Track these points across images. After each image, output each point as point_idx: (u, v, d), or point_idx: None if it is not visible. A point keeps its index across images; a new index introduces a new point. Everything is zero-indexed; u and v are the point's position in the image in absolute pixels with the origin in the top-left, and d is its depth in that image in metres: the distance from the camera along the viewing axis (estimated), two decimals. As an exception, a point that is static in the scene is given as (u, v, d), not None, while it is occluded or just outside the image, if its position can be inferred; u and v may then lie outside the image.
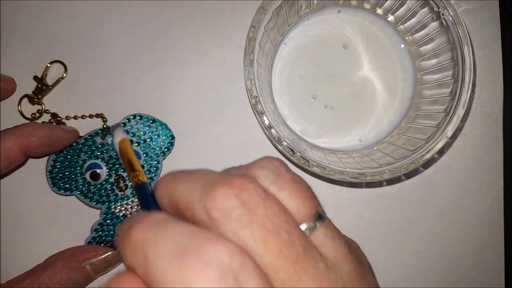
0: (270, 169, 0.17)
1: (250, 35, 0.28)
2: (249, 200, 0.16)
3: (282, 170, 0.18)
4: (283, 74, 0.32)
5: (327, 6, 0.32)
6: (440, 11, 0.28)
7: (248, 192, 0.16)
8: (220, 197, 0.16)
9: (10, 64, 0.34)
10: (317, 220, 0.17)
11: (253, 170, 0.18)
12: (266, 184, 0.17)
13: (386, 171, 0.28)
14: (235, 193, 0.16)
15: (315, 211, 0.18)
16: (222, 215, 0.15)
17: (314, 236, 0.17)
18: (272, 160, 0.18)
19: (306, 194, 0.18)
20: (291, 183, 0.17)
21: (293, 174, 0.18)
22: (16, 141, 0.29)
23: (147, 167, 0.32)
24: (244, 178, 0.16)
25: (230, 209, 0.15)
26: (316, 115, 0.32)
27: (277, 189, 0.17)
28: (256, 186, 0.16)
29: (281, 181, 0.17)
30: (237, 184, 0.16)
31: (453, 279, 0.33)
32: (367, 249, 0.34)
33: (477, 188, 0.34)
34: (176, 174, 0.18)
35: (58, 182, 0.32)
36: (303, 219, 0.17)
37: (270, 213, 0.16)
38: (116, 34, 0.34)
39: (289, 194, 0.17)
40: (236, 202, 0.15)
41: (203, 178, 0.17)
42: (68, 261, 0.29)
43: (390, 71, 0.32)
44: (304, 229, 0.17)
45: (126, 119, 0.33)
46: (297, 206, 0.17)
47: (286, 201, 0.17)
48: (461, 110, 0.27)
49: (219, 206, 0.15)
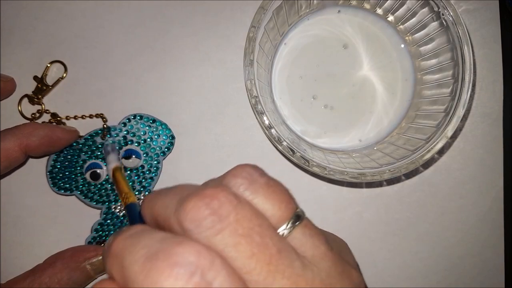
0: (243, 176, 0.18)
1: (250, 35, 0.28)
2: (220, 208, 0.16)
3: (256, 175, 0.18)
4: (283, 74, 0.32)
5: (327, 6, 0.32)
6: (440, 11, 0.28)
7: (218, 200, 0.16)
8: (191, 208, 0.16)
9: (10, 64, 0.34)
10: (294, 220, 0.18)
11: (227, 179, 0.18)
12: (241, 191, 0.17)
13: (386, 171, 0.28)
14: (205, 203, 0.16)
15: (292, 212, 0.18)
16: (193, 225, 0.16)
17: (292, 236, 0.17)
18: (245, 167, 0.18)
19: (282, 196, 0.18)
20: (265, 187, 0.18)
21: (267, 178, 0.18)
22: (16, 141, 0.29)
23: (147, 167, 0.32)
24: (215, 187, 0.17)
25: (201, 218, 0.16)
26: (316, 115, 0.32)
27: (252, 194, 0.17)
28: (227, 194, 0.16)
29: (255, 186, 0.18)
30: (208, 194, 0.16)
31: (453, 279, 0.33)
32: (367, 249, 0.34)
33: (477, 188, 0.34)
34: (157, 191, 0.19)
35: (58, 182, 0.32)
36: (280, 222, 0.17)
37: (241, 218, 0.16)
38: (116, 34, 0.34)
39: (264, 198, 0.18)
40: (207, 212, 0.16)
41: (179, 193, 0.17)
42: (68, 261, 0.29)
43: (390, 71, 0.32)
44: (281, 230, 0.17)
45: (126, 119, 0.33)
46: (273, 209, 0.17)
47: (262, 205, 0.17)
48: (461, 110, 0.27)
49: (190, 216, 0.16)
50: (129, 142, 0.32)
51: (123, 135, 0.32)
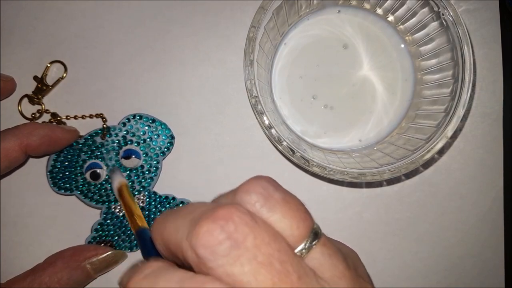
0: (258, 192, 0.17)
1: (250, 35, 0.28)
2: (236, 231, 0.15)
3: (271, 190, 0.17)
4: (283, 74, 0.32)
5: (327, 6, 0.32)
6: (440, 11, 0.28)
7: (233, 222, 0.15)
8: (204, 233, 0.15)
9: (10, 64, 0.34)
10: (313, 239, 0.17)
11: (240, 195, 0.17)
12: (257, 208, 0.17)
13: (386, 171, 0.28)
14: (219, 225, 0.15)
15: (310, 230, 0.17)
16: (208, 251, 0.15)
17: (310, 256, 0.17)
18: (259, 181, 0.17)
19: (299, 213, 0.17)
20: (282, 203, 0.17)
21: (283, 192, 0.17)
22: (16, 141, 0.29)
23: (147, 167, 0.32)
24: (229, 207, 0.16)
25: (216, 244, 0.15)
26: (316, 115, 0.32)
27: (268, 212, 0.17)
28: (242, 214, 0.15)
29: (271, 202, 0.17)
30: (221, 215, 0.15)
31: (453, 279, 0.33)
32: (367, 249, 0.34)
33: (477, 188, 0.34)
34: (166, 213, 0.18)
35: (59, 182, 0.32)
36: (298, 241, 0.17)
37: (260, 243, 0.15)
38: (116, 34, 0.34)
39: (281, 216, 0.17)
40: (222, 236, 0.15)
41: (190, 214, 0.16)
42: (68, 260, 0.29)
43: (390, 71, 0.32)
44: (299, 250, 0.17)
45: (126, 119, 0.33)
46: (290, 228, 0.17)
47: (279, 224, 0.17)
48: (461, 110, 0.27)
49: (203, 242, 0.15)
50: (128, 142, 0.32)
51: (122, 135, 0.32)
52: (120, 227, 0.32)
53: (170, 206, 0.32)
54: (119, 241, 0.32)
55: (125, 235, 0.32)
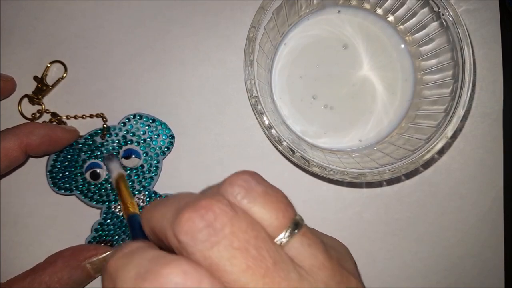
0: (240, 184, 0.18)
1: (250, 35, 0.28)
2: (215, 220, 0.16)
3: (253, 183, 0.18)
4: (283, 74, 0.32)
5: (327, 6, 0.32)
6: (440, 11, 0.28)
7: (213, 212, 0.16)
8: (185, 221, 0.16)
9: (10, 64, 0.34)
10: (293, 229, 0.17)
11: (223, 187, 0.18)
12: (238, 200, 0.17)
13: (386, 171, 0.28)
14: (200, 214, 0.16)
15: (290, 220, 0.18)
16: (188, 237, 0.16)
17: (289, 245, 0.17)
18: (242, 174, 0.18)
19: (279, 204, 0.18)
20: (263, 195, 0.18)
21: (265, 186, 0.18)
22: (17, 141, 0.29)
23: (147, 167, 0.32)
24: (211, 198, 0.16)
25: (196, 231, 0.16)
26: (316, 115, 0.32)
27: (249, 203, 0.17)
28: (222, 205, 0.16)
29: (252, 194, 0.17)
30: (203, 205, 0.16)
31: (453, 279, 0.33)
32: (367, 249, 0.34)
33: (477, 188, 0.34)
34: (155, 202, 0.19)
35: (58, 182, 0.32)
36: (277, 230, 0.17)
37: (237, 231, 0.16)
38: (116, 34, 0.34)
39: (262, 207, 0.17)
40: (201, 224, 0.16)
41: (175, 204, 0.17)
42: (68, 260, 0.29)
43: (390, 71, 0.32)
44: (278, 239, 0.17)
45: (126, 119, 0.33)
46: (270, 218, 0.17)
47: (260, 215, 0.17)
48: (461, 110, 0.27)
49: (185, 229, 0.16)
50: (128, 141, 0.32)
51: (122, 134, 0.32)
52: (120, 227, 0.32)
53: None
54: (119, 241, 0.32)
55: (125, 234, 0.32)
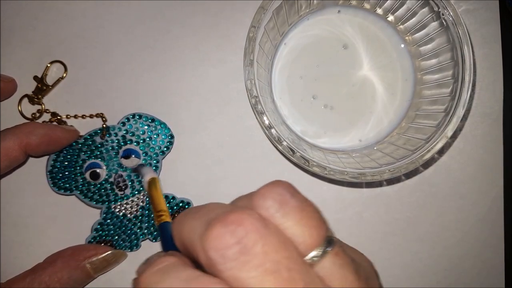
0: (274, 198, 0.17)
1: (250, 35, 0.28)
2: (246, 236, 0.15)
3: (287, 197, 0.17)
4: (283, 74, 0.32)
5: (327, 6, 0.32)
6: (440, 11, 0.28)
7: (244, 228, 0.15)
8: (215, 236, 0.15)
9: (10, 64, 0.34)
10: (325, 247, 0.17)
11: (256, 200, 0.17)
12: (271, 213, 0.17)
13: (386, 171, 0.28)
14: (230, 230, 0.15)
15: (323, 238, 0.17)
16: (218, 254, 0.15)
17: (321, 264, 0.17)
18: (276, 186, 0.17)
19: (313, 221, 0.17)
20: (297, 210, 0.17)
21: (300, 200, 0.17)
22: (16, 140, 0.29)
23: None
24: (242, 212, 0.16)
25: (225, 248, 0.15)
26: (316, 115, 0.32)
27: (282, 218, 0.17)
28: (254, 220, 0.16)
29: (286, 209, 0.17)
30: (233, 219, 0.15)
31: (453, 279, 0.33)
32: (367, 249, 0.34)
33: (477, 188, 0.34)
34: (186, 212, 0.18)
35: (58, 182, 0.32)
36: (310, 248, 0.17)
37: (268, 250, 0.15)
38: (116, 34, 0.34)
39: (295, 223, 0.17)
40: (232, 240, 0.15)
41: (205, 216, 0.17)
42: (68, 259, 0.29)
43: (390, 71, 0.32)
44: (310, 258, 0.17)
45: (125, 119, 0.33)
46: (303, 235, 0.17)
47: (292, 230, 0.17)
48: (461, 110, 0.27)
49: (214, 245, 0.15)
50: (128, 141, 0.32)
51: (122, 134, 0.32)
52: (120, 226, 0.32)
53: (170, 205, 0.32)
54: (119, 241, 0.32)
55: (125, 234, 0.32)
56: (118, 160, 0.32)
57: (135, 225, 0.32)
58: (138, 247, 0.32)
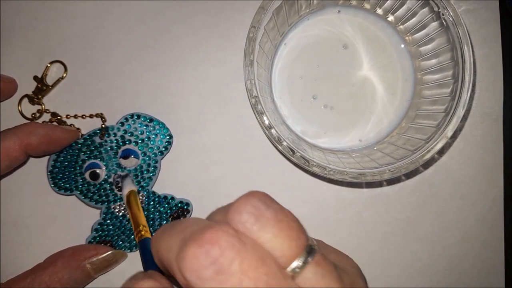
0: (249, 211, 0.16)
1: (250, 35, 0.28)
2: (221, 255, 0.15)
3: (262, 209, 0.17)
4: (283, 74, 0.32)
5: (327, 6, 0.32)
6: (440, 11, 0.28)
7: (219, 246, 0.15)
8: (189, 257, 0.15)
9: (10, 64, 0.34)
10: (306, 257, 0.17)
11: (231, 214, 0.17)
12: (248, 227, 0.16)
13: (386, 171, 0.28)
14: (205, 250, 0.15)
15: (303, 249, 0.17)
16: (193, 275, 0.15)
17: (303, 275, 0.16)
18: (251, 198, 0.17)
19: (292, 232, 0.17)
20: (273, 222, 0.16)
21: (275, 210, 0.17)
22: (17, 141, 0.29)
23: (145, 167, 0.32)
24: (216, 230, 0.15)
25: (201, 269, 0.15)
26: (316, 115, 0.32)
27: (259, 231, 0.16)
28: (230, 237, 0.15)
29: (262, 222, 0.16)
30: (208, 238, 0.15)
31: (453, 279, 0.33)
32: (367, 249, 0.34)
33: (477, 188, 0.34)
34: (162, 229, 0.18)
35: (59, 182, 0.32)
36: (289, 260, 0.16)
37: (246, 267, 0.15)
38: (116, 34, 0.34)
39: (272, 236, 0.16)
40: (207, 261, 0.15)
41: (181, 233, 0.16)
42: (68, 260, 0.29)
43: (390, 71, 0.32)
44: (291, 269, 0.16)
45: (124, 119, 0.33)
46: (282, 248, 0.16)
47: (270, 244, 0.16)
48: (461, 110, 0.27)
49: (189, 266, 0.15)
50: (127, 141, 0.32)
51: (121, 134, 0.32)
52: (119, 227, 0.32)
53: (169, 206, 0.32)
54: (119, 241, 0.32)
55: (125, 235, 0.32)
56: (117, 160, 0.32)
57: (135, 225, 0.32)
58: (138, 248, 0.32)
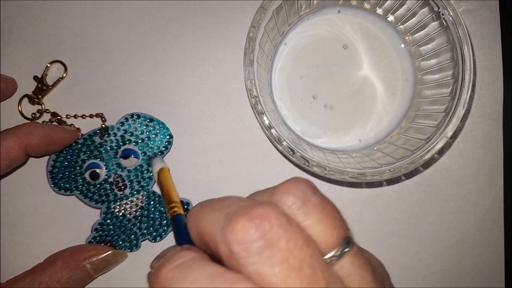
0: (296, 194, 0.17)
1: (250, 35, 0.28)
2: (270, 231, 0.15)
3: (309, 194, 0.17)
4: (283, 74, 0.32)
5: (327, 6, 0.32)
6: (440, 11, 0.28)
7: (269, 222, 0.15)
8: (239, 229, 0.15)
9: (10, 64, 0.34)
10: (344, 247, 0.17)
11: (278, 195, 0.17)
12: (293, 210, 0.17)
13: (386, 171, 0.28)
14: (255, 224, 0.15)
15: (343, 238, 0.17)
16: (241, 248, 0.15)
17: (340, 264, 0.17)
18: (299, 183, 0.17)
19: (335, 221, 0.17)
20: (319, 209, 0.17)
21: (321, 197, 0.17)
22: (17, 141, 0.29)
23: (145, 167, 0.32)
24: (266, 206, 0.16)
25: (250, 241, 0.15)
26: (316, 115, 0.32)
27: (304, 215, 0.17)
28: (279, 215, 0.16)
29: (308, 207, 0.17)
30: (258, 214, 0.15)
31: (453, 279, 0.33)
32: (367, 249, 0.34)
33: (477, 188, 0.34)
34: (203, 204, 0.18)
35: (59, 182, 0.32)
36: (330, 248, 0.17)
37: (292, 247, 0.15)
38: (116, 34, 0.34)
39: (317, 221, 0.17)
40: (256, 234, 0.15)
41: (226, 208, 0.16)
42: (68, 260, 0.29)
43: (390, 71, 0.32)
44: (329, 257, 0.17)
45: (124, 119, 0.33)
46: (324, 234, 0.17)
47: (313, 229, 0.17)
48: (461, 110, 0.27)
49: (238, 238, 0.15)
50: (127, 141, 0.32)
51: (121, 134, 0.32)
52: (120, 227, 0.32)
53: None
54: (119, 241, 0.32)
55: (125, 234, 0.32)
56: (117, 160, 0.32)
57: (134, 225, 0.32)
58: (138, 248, 0.32)
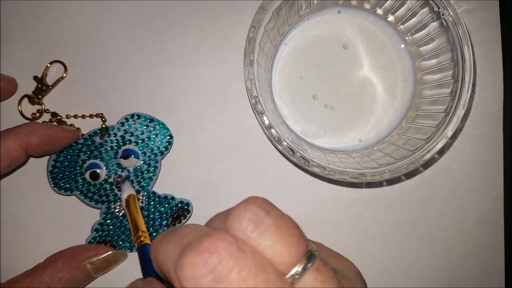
0: (248, 218, 0.16)
1: (250, 35, 0.28)
2: (220, 264, 0.15)
3: (262, 216, 0.16)
4: (283, 74, 0.32)
5: (327, 6, 0.32)
6: (440, 11, 0.28)
7: (217, 255, 0.15)
8: (187, 266, 0.15)
9: (10, 64, 0.34)
10: (306, 263, 0.17)
11: (231, 220, 0.16)
12: (247, 234, 0.16)
13: (386, 171, 0.28)
14: (203, 259, 0.15)
15: (302, 255, 0.17)
16: (192, 283, 0.15)
17: (302, 281, 0.16)
18: (250, 205, 0.17)
19: (291, 239, 0.17)
20: (273, 229, 0.16)
21: (275, 217, 0.17)
22: (17, 141, 0.29)
23: (145, 167, 0.32)
24: (216, 237, 0.15)
25: (199, 277, 0.15)
26: (316, 115, 0.32)
27: (258, 238, 0.16)
28: (228, 245, 0.15)
29: (261, 229, 0.16)
30: (206, 246, 0.15)
31: (453, 279, 0.33)
32: (367, 249, 0.34)
33: (477, 188, 0.34)
34: (162, 235, 0.18)
35: (59, 182, 0.32)
36: (289, 267, 0.16)
37: (245, 276, 0.15)
38: (116, 34, 0.34)
39: (273, 242, 0.16)
40: (205, 270, 0.15)
41: (180, 240, 0.16)
42: (68, 260, 0.29)
43: (390, 71, 0.32)
44: (291, 275, 0.16)
45: (124, 119, 0.33)
46: (281, 255, 0.16)
47: (270, 250, 0.16)
48: (461, 110, 0.27)
49: (187, 275, 0.15)
50: (127, 141, 0.32)
51: (121, 134, 0.32)
52: (120, 227, 0.32)
53: (170, 206, 0.32)
54: (119, 241, 0.32)
55: (125, 235, 0.32)
56: (117, 160, 0.32)
57: (135, 225, 0.32)
58: None
